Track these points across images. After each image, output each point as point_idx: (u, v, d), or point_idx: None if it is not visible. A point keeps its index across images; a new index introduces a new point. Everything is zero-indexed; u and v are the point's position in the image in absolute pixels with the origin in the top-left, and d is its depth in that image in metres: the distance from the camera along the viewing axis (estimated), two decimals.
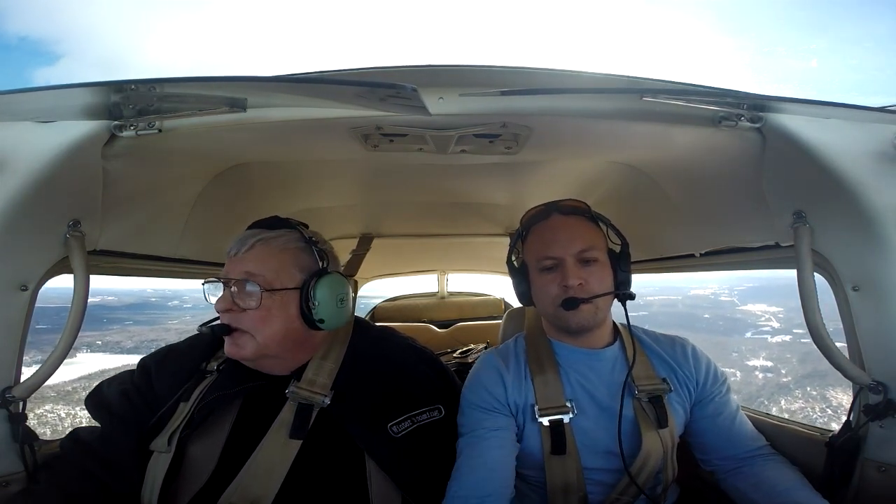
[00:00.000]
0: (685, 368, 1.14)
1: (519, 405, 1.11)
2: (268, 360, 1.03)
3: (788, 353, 29.34)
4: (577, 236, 1.08)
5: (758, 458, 1.09)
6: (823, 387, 25.36)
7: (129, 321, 35.35)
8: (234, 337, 0.98)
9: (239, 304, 0.98)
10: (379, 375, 1.08)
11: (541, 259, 1.10)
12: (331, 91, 0.88)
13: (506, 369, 1.15)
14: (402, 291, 3.80)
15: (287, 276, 1.01)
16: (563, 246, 1.07)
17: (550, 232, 1.11)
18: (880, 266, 0.91)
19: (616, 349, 1.15)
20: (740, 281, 43.28)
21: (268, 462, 0.94)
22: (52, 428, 21.16)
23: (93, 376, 25.66)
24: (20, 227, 0.88)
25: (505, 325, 1.63)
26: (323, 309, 1.00)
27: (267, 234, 1.03)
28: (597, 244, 1.09)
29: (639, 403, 1.08)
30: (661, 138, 1.07)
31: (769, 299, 37.45)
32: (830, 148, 0.87)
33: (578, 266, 1.06)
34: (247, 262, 1.00)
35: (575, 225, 1.11)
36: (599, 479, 1.08)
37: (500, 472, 1.02)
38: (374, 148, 1.11)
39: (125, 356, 30.82)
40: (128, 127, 0.89)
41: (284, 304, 1.00)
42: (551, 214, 1.13)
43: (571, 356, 1.15)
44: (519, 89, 0.86)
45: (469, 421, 1.10)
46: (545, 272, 1.10)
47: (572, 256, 1.07)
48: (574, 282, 1.05)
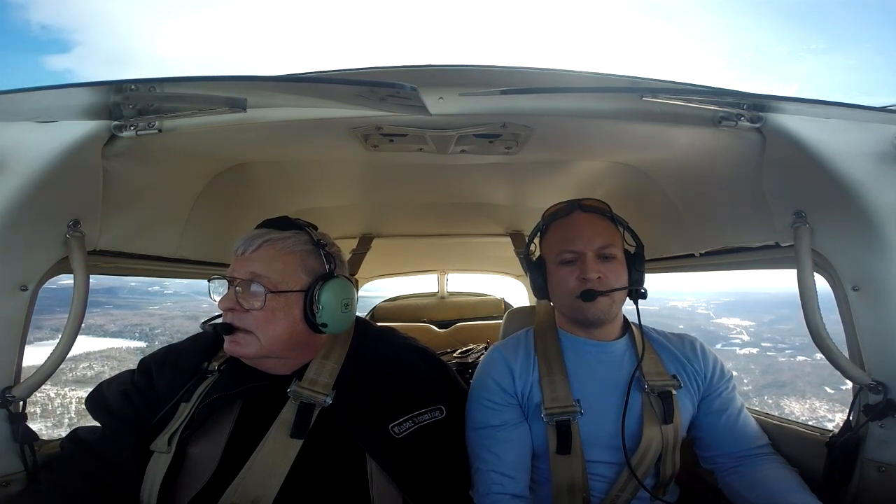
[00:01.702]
0: (694, 363, 1.16)
1: (525, 395, 1.13)
2: (270, 361, 1.03)
3: (753, 364, 31.44)
4: (599, 233, 1.11)
5: (757, 457, 1.10)
6: (779, 396, 27.45)
7: (109, 304, 35.30)
8: (237, 336, 0.98)
9: (242, 304, 0.98)
10: (380, 375, 1.08)
11: (561, 252, 1.13)
12: (331, 91, 0.88)
13: (514, 360, 1.17)
14: (402, 291, 3.80)
15: (293, 278, 1.01)
16: (584, 241, 1.10)
17: (572, 227, 1.13)
18: (880, 266, 0.91)
19: (625, 343, 1.17)
20: (717, 295, 45.93)
21: (268, 462, 0.94)
22: (42, 408, 21.36)
23: (78, 357, 25.86)
24: (20, 227, 0.88)
25: (505, 325, 1.63)
26: (326, 313, 1.00)
27: (275, 235, 1.03)
28: (615, 242, 1.13)
29: (647, 398, 1.10)
30: (661, 138, 1.07)
31: (743, 313, 39.54)
32: (830, 148, 0.87)
33: (597, 261, 1.09)
34: (253, 262, 1.00)
35: (596, 222, 1.14)
36: (600, 473, 1.09)
37: (518, 466, 1.07)
38: (374, 148, 1.11)
39: (109, 339, 30.96)
40: (128, 127, 0.89)
41: (288, 306, 0.99)
42: (574, 211, 1.16)
43: (582, 348, 1.17)
44: (519, 88, 0.86)
45: (481, 416, 1.12)
46: (564, 265, 1.12)
47: (592, 251, 1.10)
48: (593, 275, 1.07)
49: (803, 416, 25.57)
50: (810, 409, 26.65)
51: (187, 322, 28.70)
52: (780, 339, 35.67)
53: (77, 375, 25.17)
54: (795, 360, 32.63)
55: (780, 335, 36.23)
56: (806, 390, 28.47)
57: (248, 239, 1.02)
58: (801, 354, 32.78)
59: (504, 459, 1.07)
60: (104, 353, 27.82)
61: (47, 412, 21.31)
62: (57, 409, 21.52)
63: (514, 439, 1.09)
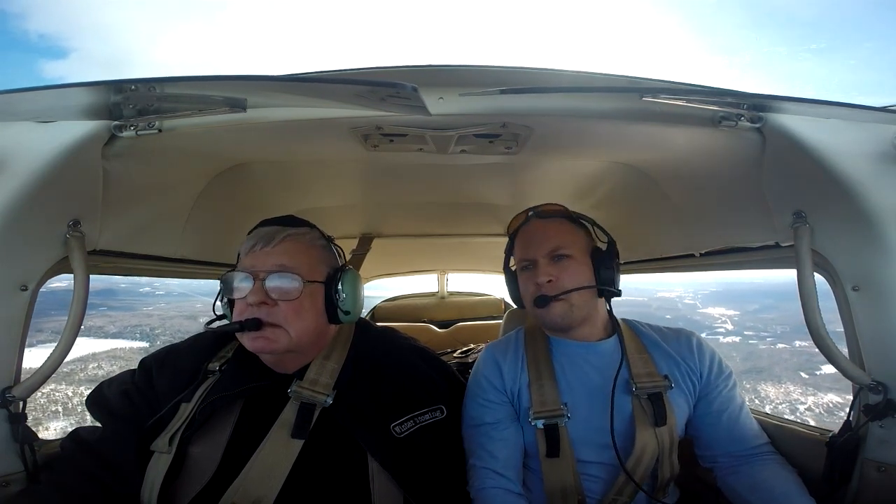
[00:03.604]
0: (689, 361, 1.15)
1: (515, 395, 1.15)
2: (290, 356, 1.04)
3: (735, 351, 32.85)
4: (549, 237, 1.13)
5: (757, 457, 1.09)
6: (757, 381, 28.70)
7: (104, 307, 35.78)
8: (266, 331, 0.97)
9: (273, 296, 0.97)
10: (381, 376, 1.08)
11: (520, 261, 1.18)
12: (331, 91, 0.88)
13: (503, 359, 1.19)
14: (402, 291, 3.80)
15: (316, 270, 1.04)
16: (535, 247, 1.13)
17: (528, 235, 1.18)
18: (880, 266, 0.91)
19: (613, 343, 1.16)
20: (704, 286, 47.22)
21: (269, 462, 0.94)
22: (63, 406, 22.48)
23: (86, 358, 27.16)
24: (20, 227, 0.87)
25: (505, 325, 1.63)
26: (349, 301, 1.04)
27: (294, 230, 1.05)
28: (571, 242, 1.13)
29: (637, 401, 1.09)
30: (661, 138, 1.07)
31: (728, 303, 40.90)
32: (830, 148, 0.87)
33: (550, 264, 1.11)
34: (279, 255, 1.00)
35: (549, 227, 1.16)
36: (595, 474, 1.09)
37: (511, 464, 1.09)
38: (374, 148, 1.11)
39: (111, 340, 31.73)
40: (128, 127, 0.89)
41: (314, 297, 1.02)
42: (530, 219, 1.19)
43: (568, 349, 1.17)
44: (519, 88, 0.86)
45: (476, 413, 1.14)
46: (523, 272, 1.17)
47: (544, 256, 1.11)
48: (543, 279, 1.09)
49: (777, 399, 26.45)
50: (784, 393, 27.40)
51: (186, 322, 28.95)
52: (763, 328, 36.90)
53: (88, 375, 26.19)
54: (776, 347, 33.98)
55: (762, 324, 37.42)
56: (782, 375, 29.61)
57: (267, 234, 1.02)
58: (780, 342, 34.01)
59: (498, 457, 1.08)
60: (110, 354, 28.59)
61: (68, 410, 22.17)
62: (77, 406, 22.41)
63: (508, 438, 1.10)
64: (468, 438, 1.14)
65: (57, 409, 22.26)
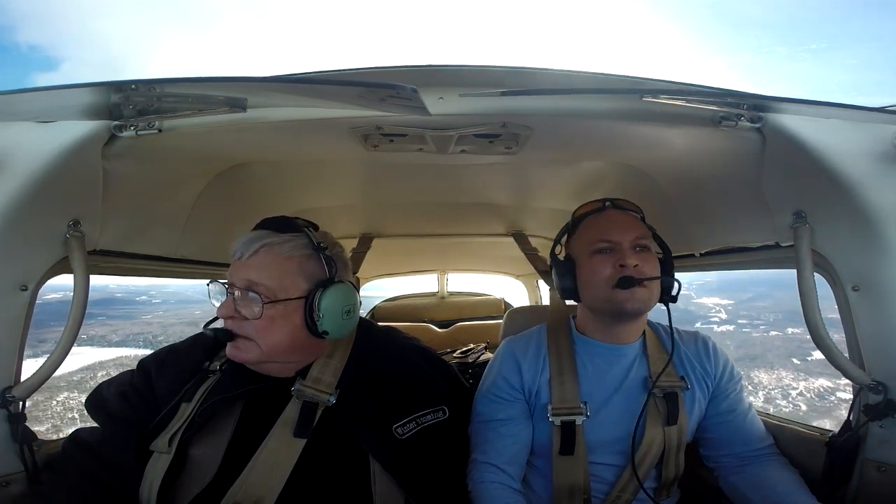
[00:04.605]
0: (706, 364, 1.16)
1: (533, 392, 1.13)
2: (272, 365, 1.02)
3: (728, 340, 33.27)
4: (634, 226, 1.10)
5: (761, 457, 1.10)
6: (750, 368, 28.94)
7: (102, 316, 36.07)
8: (238, 342, 0.98)
9: (241, 311, 0.97)
10: (383, 376, 1.07)
11: (595, 242, 1.09)
12: (331, 91, 0.88)
13: (523, 355, 1.17)
14: (403, 291, 3.80)
15: (291, 285, 0.98)
16: (620, 232, 1.08)
17: (606, 221, 1.12)
18: (880, 266, 0.91)
19: (638, 346, 1.16)
20: (699, 276, 48.10)
21: (271, 460, 0.94)
22: (74, 411, 22.66)
23: (94, 367, 27.28)
24: (20, 227, 0.87)
25: (505, 324, 1.62)
26: (328, 321, 0.97)
27: (273, 239, 0.99)
28: (648, 238, 1.11)
29: (653, 399, 1.09)
30: (662, 138, 1.07)
31: (723, 293, 41.48)
32: (830, 148, 0.87)
33: (634, 251, 1.07)
34: (250, 268, 0.97)
35: (629, 218, 1.13)
36: (602, 475, 1.09)
37: (516, 461, 1.09)
38: (374, 148, 1.11)
39: (115, 349, 31.90)
40: (128, 127, 0.89)
41: (288, 313, 0.97)
42: (606, 208, 1.15)
43: (594, 351, 1.16)
44: (519, 89, 0.86)
45: (487, 409, 1.13)
46: (598, 255, 1.08)
47: (629, 242, 1.07)
48: (632, 262, 1.04)
49: (770, 384, 26.69)
50: (777, 379, 27.62)
51: (188, 329, 29.13)
52: (756, 316, 37.20)
53: (98, 382, 25.79)
54: (768, 334, 34.31)
55: (755, 311, 37.76)
56: (775, 362, 29.81)
57: (246, 242, 0.99)
58: (773, 329, 34.32)
59: (503, 453, 1.08)
60: (116, 362, 28.85)
61: (84, 417, 22.36)
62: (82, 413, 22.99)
63: (516, 434, 1.10)
64: (475, 433, 1.13)
65: (73, 416, 22.46)
